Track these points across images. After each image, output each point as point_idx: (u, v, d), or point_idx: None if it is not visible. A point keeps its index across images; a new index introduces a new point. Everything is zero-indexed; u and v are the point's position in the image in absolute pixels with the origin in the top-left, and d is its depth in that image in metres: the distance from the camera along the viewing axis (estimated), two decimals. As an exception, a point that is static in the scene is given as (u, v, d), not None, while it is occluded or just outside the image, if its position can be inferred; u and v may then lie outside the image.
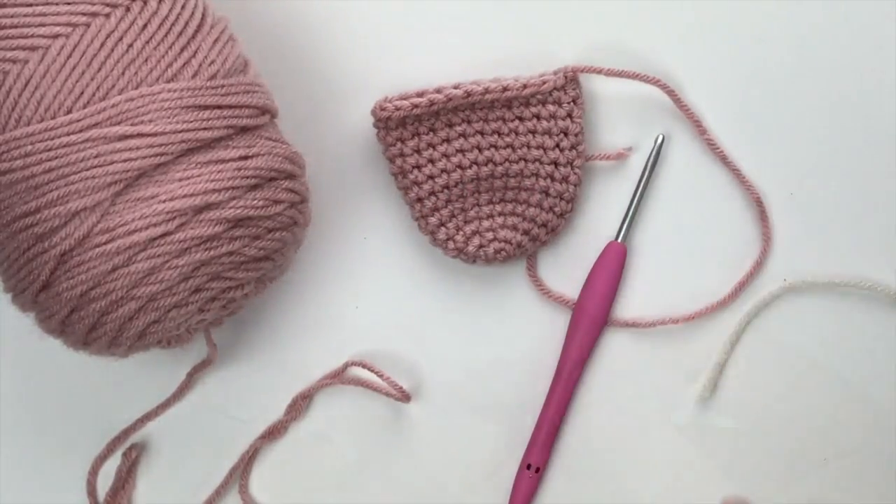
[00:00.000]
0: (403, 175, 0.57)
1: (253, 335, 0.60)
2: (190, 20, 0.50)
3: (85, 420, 0.60)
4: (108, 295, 0.48)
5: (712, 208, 0.59)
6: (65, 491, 0.60)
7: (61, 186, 0.47)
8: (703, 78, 0.58)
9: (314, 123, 0.59)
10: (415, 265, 0.60)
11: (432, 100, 0.56)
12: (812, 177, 0.59)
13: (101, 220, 0.47)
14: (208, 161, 0.49)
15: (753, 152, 0.59)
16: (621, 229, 0.58)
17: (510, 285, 0.60)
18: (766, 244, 0.59)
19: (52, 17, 0.48)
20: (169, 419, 0.60)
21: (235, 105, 0.50)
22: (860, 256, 0.59)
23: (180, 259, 0.48)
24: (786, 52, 0.58)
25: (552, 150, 0.57)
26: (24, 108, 0.47)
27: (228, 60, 0.51)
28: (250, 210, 0.49)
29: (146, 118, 0.48)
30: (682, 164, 0.59)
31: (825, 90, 0.59)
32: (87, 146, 0.47)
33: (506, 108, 0.57)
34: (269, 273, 0.53)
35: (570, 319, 0.58)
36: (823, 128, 0.59)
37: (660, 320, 0.59)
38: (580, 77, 0.57)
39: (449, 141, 0.57)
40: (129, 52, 0.48)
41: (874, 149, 0.59)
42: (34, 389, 0.60)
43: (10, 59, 0.47)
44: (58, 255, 0.47)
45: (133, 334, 0.49)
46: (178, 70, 0.49)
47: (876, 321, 0.59)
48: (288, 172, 0.52)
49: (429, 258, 0.60)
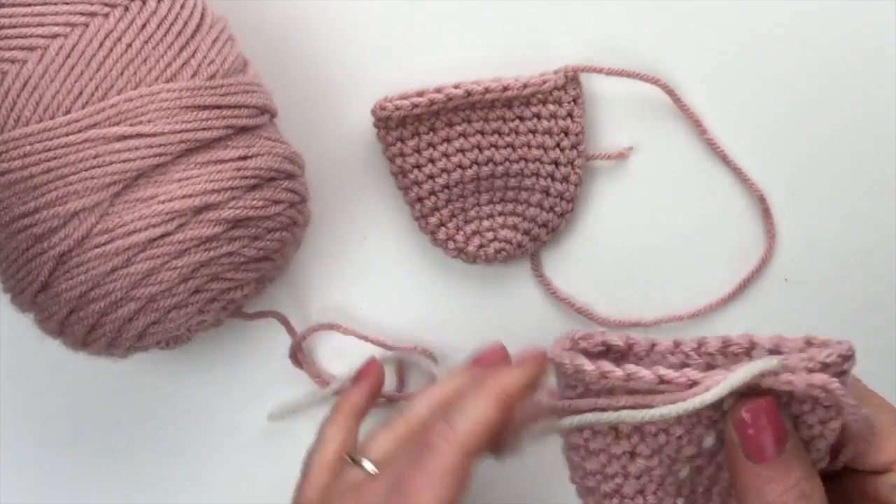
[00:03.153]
0: (403, 175, 0.57)
1: (253, 335, 0.60)
2: (189, 20, 0.50)
3: (85, 420, 0.60)
4: (107, 296, 0.48)
5: (713, 208, 0.59)
6: (65, 491, 0.60)
7: (60, 187, 0.47)
8: (703, 78, 0.58)
9: (314, 123, 0.59)
10: (415, 265, 0.60)
11: (432, 99, 0.55)
12: (813, 177, 0.59)
13: (100, 220, 0.47)
14: (207, 161, 0.49)
15: (753, 152, 0.58)
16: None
17: (512, 285, 0.60)
18: (771, 242, 0.59)
19: (51, 17, 0.48)
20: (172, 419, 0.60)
21: (235, 105, 0.50)
22: (860, 256, 0.59)
23: (180, 260, 0.48)
24: (786, 52, 0.58)
25: (553, 149, 0.57)
26: (23, 109, 0.47)
27: (227, 60, 0.51)
28: (250, 210, 0.49)
29: (145, 118, 0.48)
30: (682, 164, 0.59)
31: (826, 90, 0.58)
32: (85, 146, 0.47)
33: (506, 108, 0.56)
34: (269, 273, 0.53)
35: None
36: (824, 128, 0.59)
37: (662, 319, 0.59)
38: (580, 77, 0.57)
39: (449, 140, 0.57)
40: (127, 52, 0.48)
41: (875, 149, 0.59)
42: (34, 389, 0.60)
43: (8, 59, 0.47)
44: (57, 256, 0.47)
45: (132, 335, 0.49)
46: (177, 70, 0.49)
47: (875, 321, 0.59)
48: (288, 172, 0.52)
49: (429, 258, 0.60)
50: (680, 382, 0.34)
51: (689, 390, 0.34)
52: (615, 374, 0.35)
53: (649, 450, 0.36)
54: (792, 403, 0.36)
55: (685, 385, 0.34)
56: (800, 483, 0.35)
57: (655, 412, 0.34)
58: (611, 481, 0.37)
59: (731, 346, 0.37)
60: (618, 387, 0.35)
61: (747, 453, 0.35)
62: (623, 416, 0.35)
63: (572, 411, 0.36)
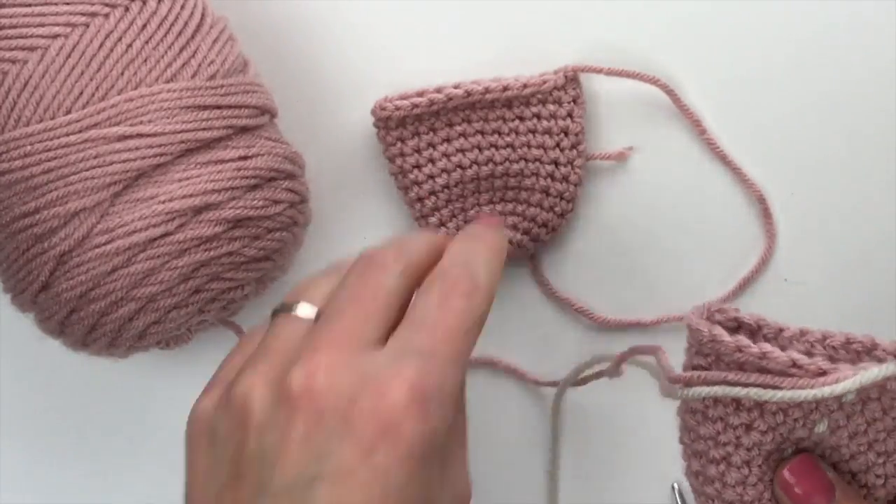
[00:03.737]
0: (403, 175, 0.57)
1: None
2: (189, 20, 0.50)
3: (85, 420, 0.60)
4: (107, 296, 0.48)
5: (712, 208, 0.59)
6: (64, 491, 0.60)
7: (60, 187, 0.47)
8: (702, 78, 0.58)
9: (314, 123, 0.59)
10: (415, 265, 0.60)
11: (432, 99, 0.55)
12: (813, 177, 0.59)
13: (100, 220, 0.47)
14: (208, 161, 0.49)
15: (753, 152, 0.58)
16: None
17: (512, 285, 0.60)
18: (771, 241, 0.58)
19: (51, 17, 0.48)
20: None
21: (235, 105, 0.50)
22: (860, 256, 0.59)
23: (180, 260, 0.48)
24: (786, 52, 0.58)
25: (552, 149, 0.57)
26: (23, 109, 0.47)
27: (228, 60, 0.51)
28: (250, 210, 0.49)
29: (145, 118, 0.48)
30: (682, 164, 0.59)
31: (826, 90, 0.58)
32: (86, 147, 0.47)
33: (506, 108, 0.56)
34: (270, 273, 0.53)
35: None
36: (824, 128, 0.59)
37: (662, 319, 0.59)
38: (580, 77, 0.57)
39: (449, 140, 0.57)
40: (128, 53, 0.48)
41: (875, 149, 0.58)
42: (34, 389, 0.60)
43: (8, 59, 0.47)
44: (57, 256, 0.47)
45: (132, 335, 0.49)
46: (177, 70, 0.49)
47: (875, 321, 0.59)
48: (288, 172, 0.52)
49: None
50: (810, 369, 0.35)
51: (818, 378, 0.35)
52: (751, 351, 0.36)
53: (765, 426, 0.37)
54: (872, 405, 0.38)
55: (814, 373, 0.35)
56: None
57: (785, 394, 0.35)
58: (721, 448, 0.38)
59: (853, 343, 0.38)
60: (749, 363, 0.36)
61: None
62: (752, 393, 0.36)
63: (701, 382, 0.37)
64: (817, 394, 0.35)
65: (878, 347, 0.37)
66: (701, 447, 0.39)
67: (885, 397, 0.37)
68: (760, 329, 0.39)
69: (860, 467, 0.39)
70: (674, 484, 0.59)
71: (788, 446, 0.38)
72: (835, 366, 0.35)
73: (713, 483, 0.39)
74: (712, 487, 0.39)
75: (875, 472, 0.39)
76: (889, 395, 0.37)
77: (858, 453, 0.39)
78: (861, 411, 0.38)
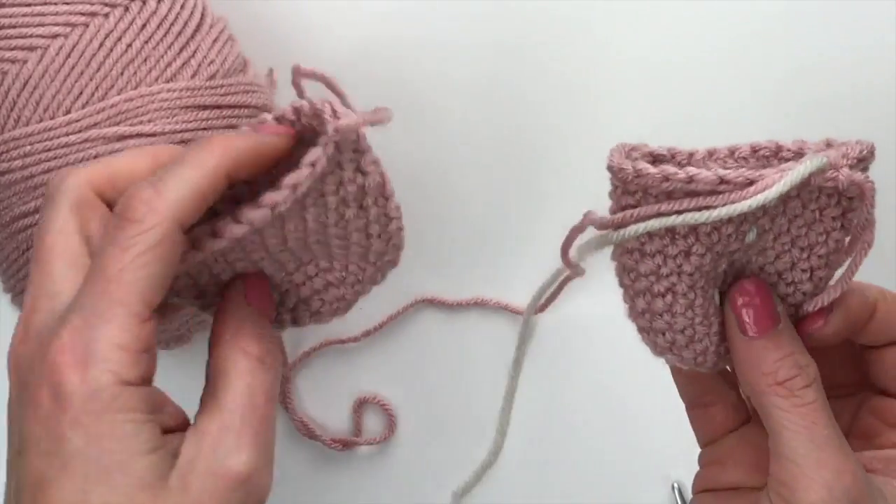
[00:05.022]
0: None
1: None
2: (189, 20, 0.50)
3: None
4: (107, 295, 0.48)
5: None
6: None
7: (60, 187, 0.47)
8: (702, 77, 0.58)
9: (314, 123, 0.59)
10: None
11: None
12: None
13: (100, 220, 0.47)
14: (207, 161, 0.49)
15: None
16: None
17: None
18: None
19: (51, 17, 0.48)
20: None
21: (235, 105, 0.50)
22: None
23: (180, 259, 0.48)
24: (786, 51, 0.58)
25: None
26: (23, 109, 0.47)
27: (228, 60, 0.51)
28: (250, 210, 0.49)
29: (145, 118, 0.48)
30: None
31: (826, 90, 0.58)
32: (86, 146, 0.47)
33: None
34: (269, 273, 0.53)
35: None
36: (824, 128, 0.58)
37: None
38: None
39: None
40: (127, 52, 0.48)
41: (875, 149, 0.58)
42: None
43: (8, 59, 0.47)
44: (57, 256, 0.47)
45: (132, 335, 0.49)
46: (177, 70, 0.49)
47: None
48: (287, 172, 0.52)
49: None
50: (738, 182, 0.35)
51: (747, 189, 0.35)
52: (678, 177, 0.36)
53: (703, 248, 0.37)
54: (804, 210, 0.38)
55: (743, 184, 0.35)
56: (794, 355, 0.37)
57: (721, 211, 0.35)
58: (665, 280, 0.38)
59: (760, 150, 0.39)
60: (676, 190, 0.36)
61: (742, 329, 0.38)
62: (688, 218, 0.36)
63: (634, 220, 0.37)
64: (752, 203, 0.35)
65: (782, 149, 0.38)
66: (644, 284, 0.39)
67: (804, 193, 0.37)
68: (674, 157, 0.39)
69: (785, 266, 0.39)
70: (674, 484, 0.59)
71: (723, 262, 0.38)
72: (759, 173, 0.35)
73: (662, 316, 0.39)
74: (662, 320, 0.39)
75: (801, 266, 0.40)
76: (807, 190, 0.37)
77: (783, 252, 0.39)
78: (784, 211, 0.38)
